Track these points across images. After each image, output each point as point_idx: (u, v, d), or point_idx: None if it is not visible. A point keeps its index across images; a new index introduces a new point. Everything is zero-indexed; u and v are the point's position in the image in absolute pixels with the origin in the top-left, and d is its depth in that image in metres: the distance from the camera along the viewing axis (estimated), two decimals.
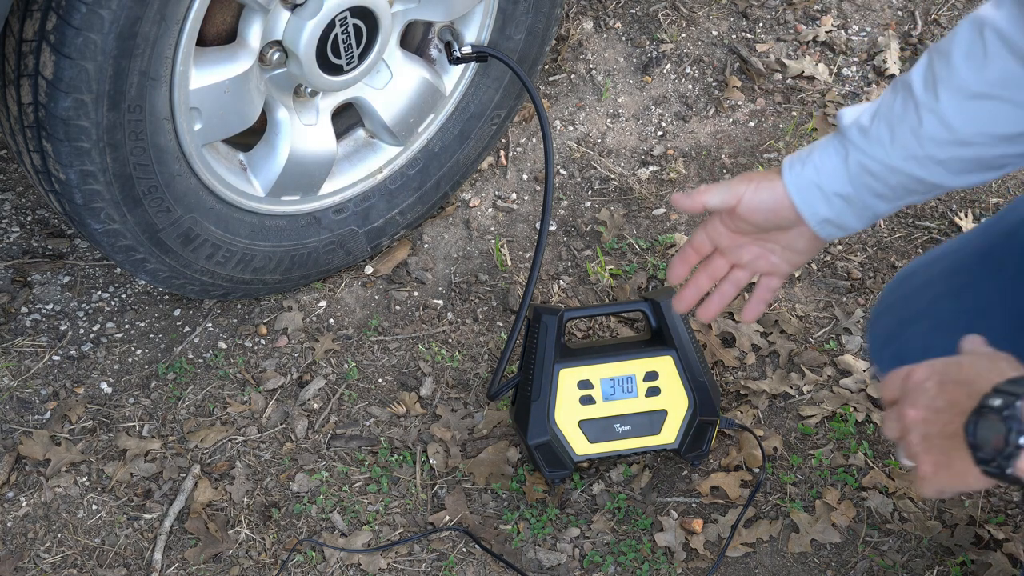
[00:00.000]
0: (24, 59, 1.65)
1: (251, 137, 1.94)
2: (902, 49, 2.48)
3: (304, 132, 1.95)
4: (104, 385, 2.03)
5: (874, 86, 2.43)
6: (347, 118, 2.08)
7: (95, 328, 2.10)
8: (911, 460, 1.17)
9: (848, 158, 1.46)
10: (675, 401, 1.85)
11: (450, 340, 2.09)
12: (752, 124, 2.39)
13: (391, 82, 2.02)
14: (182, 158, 1.82)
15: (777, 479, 1.91)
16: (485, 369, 2.05)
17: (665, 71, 2.45)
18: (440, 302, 2.14)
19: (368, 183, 2.09)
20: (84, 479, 1.92)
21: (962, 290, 1.57)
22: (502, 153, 2.33)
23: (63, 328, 2.10)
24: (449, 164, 2.15)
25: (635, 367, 1.84)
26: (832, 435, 1.95)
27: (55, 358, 2.06)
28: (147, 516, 1.88)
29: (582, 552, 1.84)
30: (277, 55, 1.85)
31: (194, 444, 1.95)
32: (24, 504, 1.89)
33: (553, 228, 2.24)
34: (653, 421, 1.85)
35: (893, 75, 2.42)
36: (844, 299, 2.13)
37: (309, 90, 1.93)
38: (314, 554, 1.84)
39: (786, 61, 2.46)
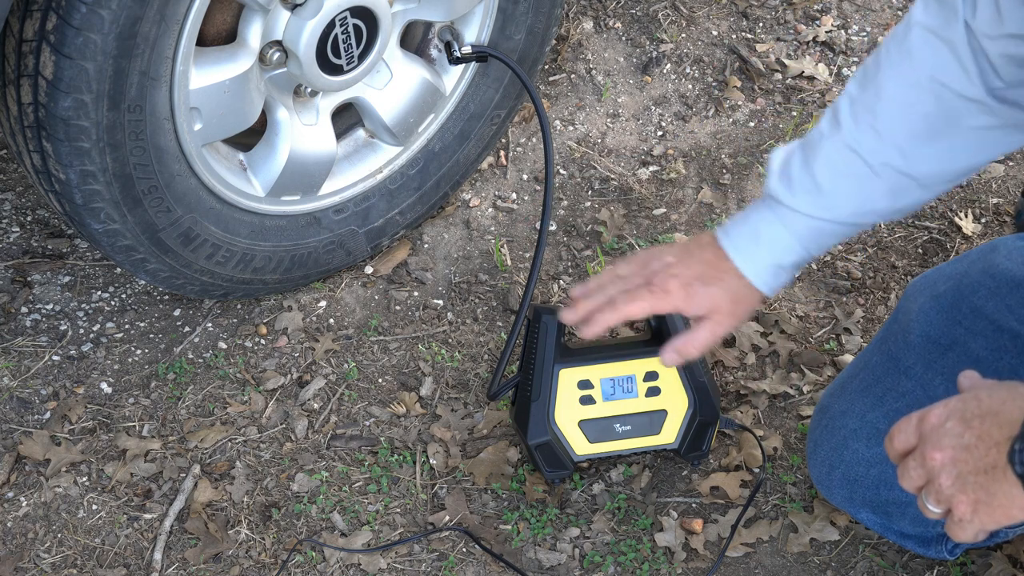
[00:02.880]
0: (24, 59, 1.65)
1: (251, 137, 1.94)
2: None
3: (304, 132, 1.95)
4: (104, 385, 2.03)
5: None
6: (347, 118, 2.08)
7: (95, 328, 2.10)
8: (942, 505, 1.13)
9: (794, 228, 1.54)
10: (675, 401, 1.85)
11: (450, 340, 2.09)
12: (752, 124, 2.39)
13: (391, 82, 2.02)
14: (182, 158, 1.82)
15: (777, 479, 1.91)
16: (485, 369, 2.05)
17: (665, 71, 2.45)
18: (440, 302, 2.14)
19: (368, 183, 2.09)
20: (84, 479, 1.92)
21: (883, 397, 1.63)
22: (502, 153, 2.33)
23: (63, 328, 2.10)
24: (449, 164, 2.15)
25: (635, 367, 1.84)
26: None
27: (55, 358, 2.06)
28: (147, 516, 1.88)
29: (582, 552, 1.84)
30: (277, 55, 1.85)
31: (194, 444, 1.95)
32: (24, 504, 1.89)
33: (553, 228, 2.24)
34: (653, 421, 1.85)
35: None
36: (844, 299, 2.13)
37: (309, 90, 1.93)
38: (314, 554, 1.84)
39: (786, 61, 2.46)
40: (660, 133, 2.38)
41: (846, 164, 1.50)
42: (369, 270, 2.18)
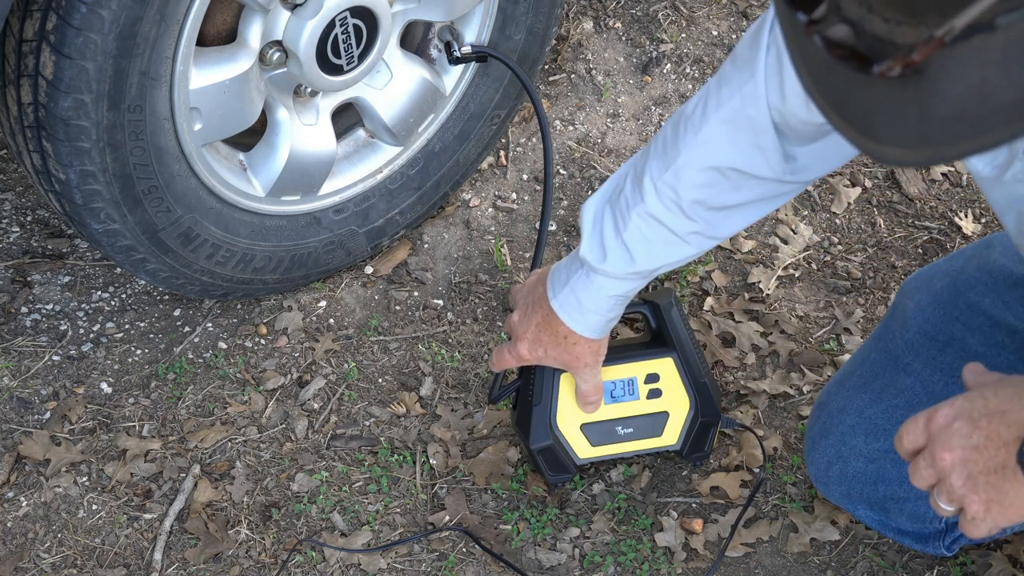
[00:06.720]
0: (24, 59, 1.64)
1: (251, 137, 1.94)
2: None
3: (304, 132, 1.95)
4: (104, 385, 2.03)
5: None
6: (347, 118, 2.08)
7: (95, 328, 2.10)
8: (955, 504, 1.14)
9: (610, 289, 1.62)
10: (676, 403, 1.84)
11: (450, 340, 2.09)
12: None
13: (391, 82, 2.01)
14: (182, 158, 1.81)
15: (777, 479, 1.91)
16: (485, 369, 2.05)
17: (665, 71, 2.45)
18: (440, 302, 2.14)
19: (368, 183, 2.09)
20: (84, 479, 1.92)
21: (882, 394, 1.63)
22: (502, 153, 2.33)
23: (63, 328, 2.10)
24: (449, 164, 2.15)
25: (636, 369, 1.84)
26: None
27: (55, 358, 2.06)
28: (147, 516, 1.88)
29: (582, 552, 1.84)
30: (277, 55, 1.85)
31: (194, 444, 1.95)
32: (24, 504, 1.89)
33: (553, 228, 2.24)
34: (655, 423, 1.85)
35: None
36: (844, 299, 2.13)
37: (309, 90, 1.93)
38: (314, 554, 1.84)
39: None
40: None
41: (654, 232, 1.56)
42: (369, 270, 2.18)
